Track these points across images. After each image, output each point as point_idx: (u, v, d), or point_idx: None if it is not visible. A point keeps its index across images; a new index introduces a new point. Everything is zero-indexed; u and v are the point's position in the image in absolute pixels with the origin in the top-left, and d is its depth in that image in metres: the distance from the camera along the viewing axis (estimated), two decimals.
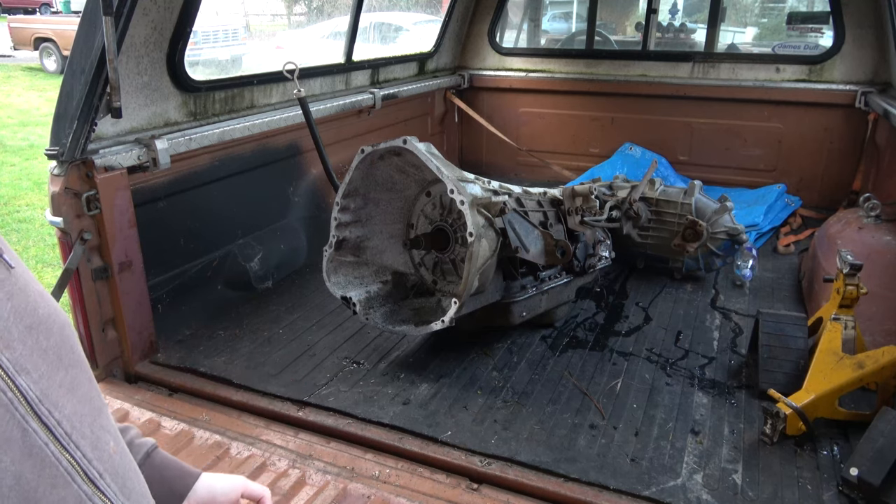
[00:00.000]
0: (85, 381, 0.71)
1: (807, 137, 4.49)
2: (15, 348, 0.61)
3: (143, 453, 1.05)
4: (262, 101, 3.30)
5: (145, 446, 1.06)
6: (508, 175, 5.22)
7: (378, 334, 2.87)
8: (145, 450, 1.06)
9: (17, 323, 0.63)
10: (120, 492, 0.70)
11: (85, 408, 0.69)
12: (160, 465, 1.06)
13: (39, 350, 0.65)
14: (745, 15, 10.19)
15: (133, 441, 1.06)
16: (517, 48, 5.80)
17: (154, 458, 1.06)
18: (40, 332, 0.66)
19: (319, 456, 2.13)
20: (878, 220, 3.04)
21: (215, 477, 1.12)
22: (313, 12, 14.11)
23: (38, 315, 0.66)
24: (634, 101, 4.88)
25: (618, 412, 2.36)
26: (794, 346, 2.42)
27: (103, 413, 0.73)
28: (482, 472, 2.04)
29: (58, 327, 0.69)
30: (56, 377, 0.65)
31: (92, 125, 2.31)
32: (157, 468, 1.05)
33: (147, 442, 1.08)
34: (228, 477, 1.13)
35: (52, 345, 0.66)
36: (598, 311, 3.15)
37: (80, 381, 0.69)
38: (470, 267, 2.28)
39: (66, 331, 0.71)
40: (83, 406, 0.69)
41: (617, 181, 3.56)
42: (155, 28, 2.57)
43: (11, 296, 0.64)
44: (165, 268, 2.86)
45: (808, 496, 1.96)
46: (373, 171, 2.62)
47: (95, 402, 0.72)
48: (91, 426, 0.69)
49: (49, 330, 0.67)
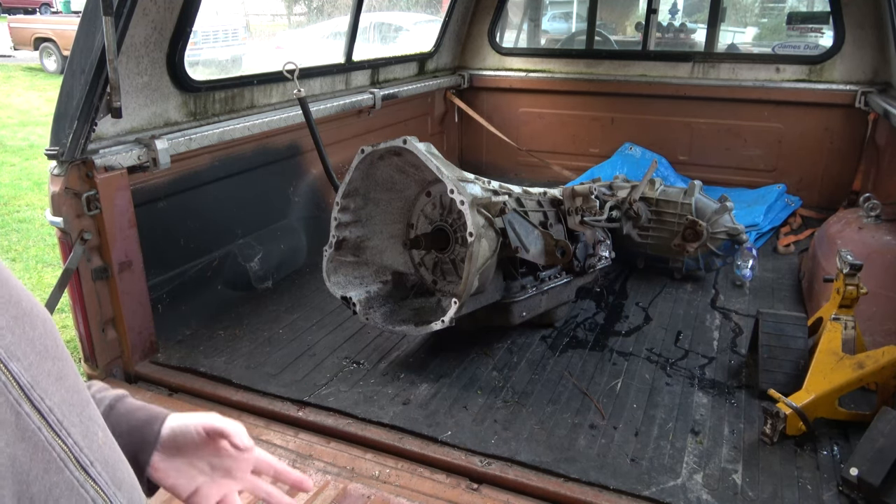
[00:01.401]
0: (71, 373, 0.71)
1: (807, 137, 4.49)
2: (4, 336, 0.62)
3: (106, 405, 1.00)
4: (262, 101, 3.30)
5: (107, 399, 1.02)
6: (508, 175, 5.22)
7: (378, 334, 2.87)
8: (108, 402, 1.01)
9: (3, 313, 0.63)
10: (111, 481, 0.71)
11: (73, 398, 0.69)
12: (126, 413, 1.01)
13: (27, 340, 0.65)
14: (745, 15, 10.19)
15: (96, 395, 1.01)
16: (517, 48, 5.80)
17: (119, 408, 1.01)
18: (26, 322, 0.66)
19: (319, 456, 2.13)
20: (878, 220, 3.04)
21: (185, 416, 1.04)
22: (313, 12, 14.11)
23: (23, 307, 0.66)
24: (634, 101, 4.88)
25: (618, 412, 2.36)
26: (794, 346, 2.42)
27: (91, 405, 0.74)
28: (482, 472, 2.04)
29: (41, 320, 0.69)
30: (44, 366, 0.66)
31: (92, 125, 2.31)
32: (122, 416, 1.00)
33: (110, 395, 1.03)
34: (200, 414, 1.04)
35: (37, 335, 0.67)
36: (598, 311, 3.15)
37: (66, 372, 0.70)
38: (470, 267, 2.28)
39: (48, 324, 0.71)
40: (71, 396, 0.69)
41: (617, 181, 3.56)
42: (155, 28, 2.57)
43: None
44: (165, 268, 2.86)
45: (808, 496, 1.96)
46: (373, 171, 2.62)
47: (83, 394, 0.72)
48: (80, 416, 0.69)
49: (34, 322, 0.67)
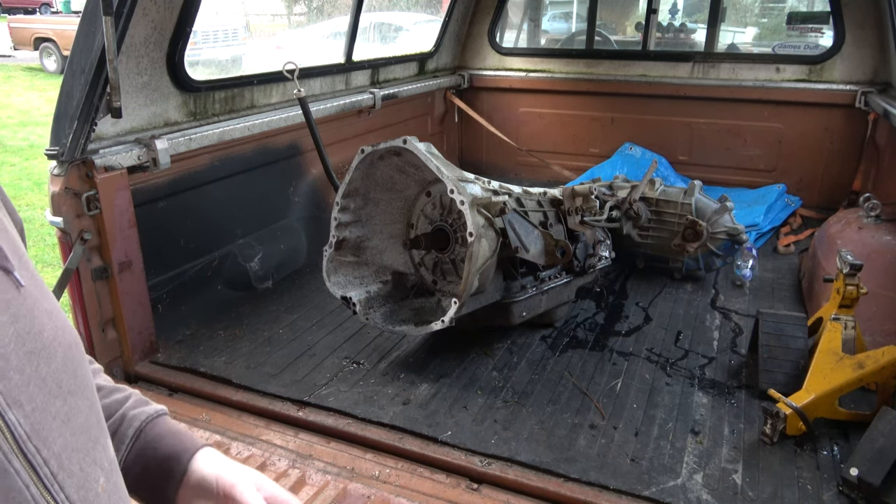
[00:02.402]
0: (84, 408, 0.69)
1: (807, 137, 4.49)
2: (11, 378, 0.60)
3: (136, 427, 0.95)
4: (262, 101, 3.30)
5: (140, 418, 0.96)
6: (508, 175, 5.22)
7: (378, 334, 2.87)
8: (139, 422, 0.95)
9: (17, 349, 0.61)
10: None
11: (79, 440, 0.67)
12: (154, 440, 0.95)
13: (38, 378, 0.63)
14: (745, 15, 10.18)
15: (128, 412, 0.96)
16: (517, 48, 5.80)
17: (148, 433, 0.95)
18: (41, 358, 0.63)
19: (319, 456, 2.13)
20: (878, 220, 3.04)
21: (220, 462, 0.96)
22: (313, 12, 14.10)
23: (43, 339, 0.64)
24: (634, 101, 4.88)
25: (618, 412, 2.36)
26: (794, 346, 2.41)
27: (98, 444, 0.71)
28: (482, 472, 2.04)
29: (62, 350, 0.66)
30: (52, 408, 0.63)
31: (92, 125, 2.31)
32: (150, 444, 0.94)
33: (143, 413, 0.97)
34: (237, 467, 0.96)
35: (52, 370, 0.64)
36: (598, 311, 3.15)
37: (78, 411, 0.67)
38: (470, 267, 2.28)
39: (71, 352, 0.68)
40: (77, 439, 0.66)
41: (617, 181, 3.56)
42: (155, 28, 2.57)
43: (16, 319, 0.62)
44: (165, 268, 2.86)
45: (808, 496, 1.96)
46: (373, 171, 2.62)
47: (92, 433, 0.70)
48: (81, 462, 0.66)
49: (52, 355, 0.65)
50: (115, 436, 0.94)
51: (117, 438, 0.94)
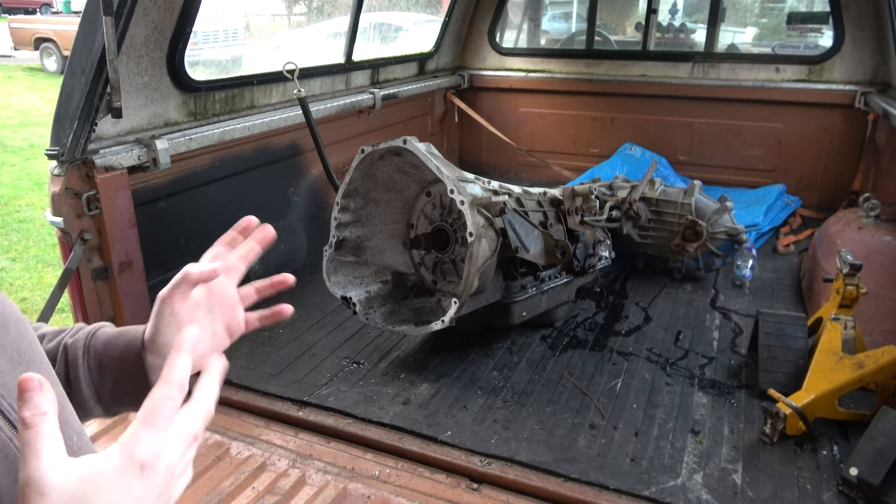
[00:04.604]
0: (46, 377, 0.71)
1: (806, 137, 4.49)
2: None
3: (81, 348, 0.94)
4: (263, 101, 3.30)
5: (81, 339, 0.95)
6: (508, 175, 5.22)
7: (378, 334, 2.87)
8: (82, 344, 0.95)
9: None
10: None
11: None
12: (104, 347, 0.95)
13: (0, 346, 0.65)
14: (745, 15, 10.18)
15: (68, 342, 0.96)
16: (517, 48, 5.79)
17: (96, 346, 0.95)
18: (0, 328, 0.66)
19: (319, 456, 2.13)
20: (878, 220, 3.04)
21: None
22: (313, 12, 14.10)
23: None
24: (634, 101, 4.88)
25: (618, 412, 2.36)
26: (794, 346, 2.42)
27: (66, 408, 0.73)
28: (482, 472, 2.04)
29: (14, 322, 0.69)
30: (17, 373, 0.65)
31: (92, 125, 2.31)
32: (104, 351, 0.94)
33: (83, 333, 0.97)
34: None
35: (9, 340, 0.67)
36: (598, 311, 3.15)
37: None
38: (470, 267, 2.28)
39: (21, 324, 0.70)
40: None
41: (617, 181, 3.56)
42: (155, 28, 2.57)
43: None
44: (165, 268, 2.85)
45: (808, 496, 1.96)
46: (373, 171, 2.62)
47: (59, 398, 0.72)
48: None
49: (5, 326, 0.67)
50: (69, 365, 0.93)
51: (72, 366, 0.93)
